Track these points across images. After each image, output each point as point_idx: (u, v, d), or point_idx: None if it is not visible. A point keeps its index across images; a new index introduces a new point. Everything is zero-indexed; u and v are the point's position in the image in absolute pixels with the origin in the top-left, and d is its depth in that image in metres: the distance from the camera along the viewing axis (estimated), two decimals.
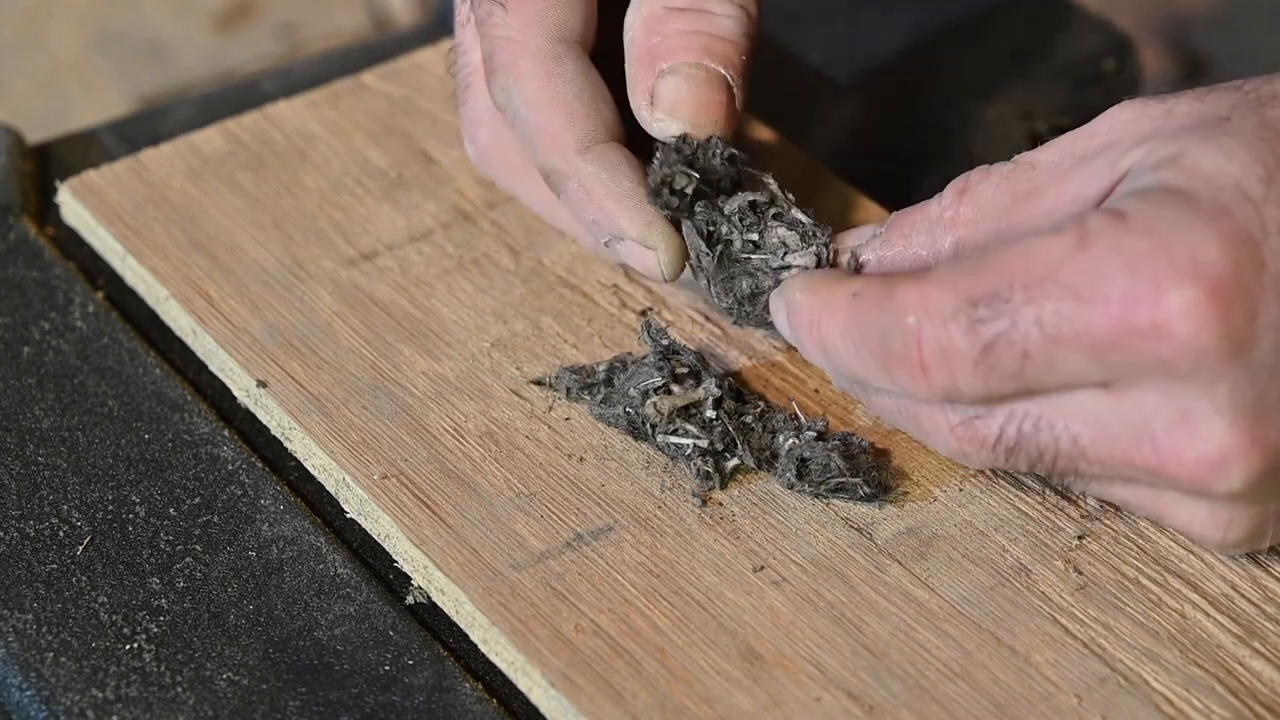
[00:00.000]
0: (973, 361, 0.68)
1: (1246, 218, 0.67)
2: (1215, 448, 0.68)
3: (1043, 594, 0.74)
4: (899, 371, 0.70)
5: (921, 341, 0.69)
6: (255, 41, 1.84)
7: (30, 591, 0.75)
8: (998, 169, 0.74)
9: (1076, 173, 0.72)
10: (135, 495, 0.78)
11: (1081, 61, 1.03)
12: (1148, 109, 0.72)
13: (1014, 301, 0.68)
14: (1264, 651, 0.72)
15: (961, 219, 0.74)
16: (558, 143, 0.80)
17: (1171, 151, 0.69)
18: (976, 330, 0.68)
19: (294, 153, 0.92)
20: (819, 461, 0.76)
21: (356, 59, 0.99)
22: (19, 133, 0.93)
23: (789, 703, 0.71)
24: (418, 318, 0.84)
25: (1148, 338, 0.67)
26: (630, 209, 0.79)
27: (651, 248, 0.80)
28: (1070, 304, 0.67)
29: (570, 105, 0.80)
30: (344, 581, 0.75)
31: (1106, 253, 0.67)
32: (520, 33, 0.80)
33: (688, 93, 0.78)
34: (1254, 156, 0.68)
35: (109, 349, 0.84)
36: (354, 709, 0.71)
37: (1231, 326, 0.66)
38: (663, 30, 0.79)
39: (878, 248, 0.76)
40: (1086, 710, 0.70)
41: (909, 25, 1.05)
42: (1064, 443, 0.70)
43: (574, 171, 0.80)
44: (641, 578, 0.74)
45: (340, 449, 0.79)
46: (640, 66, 0.79)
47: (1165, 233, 0.67)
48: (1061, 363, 0.68)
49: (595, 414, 0.79)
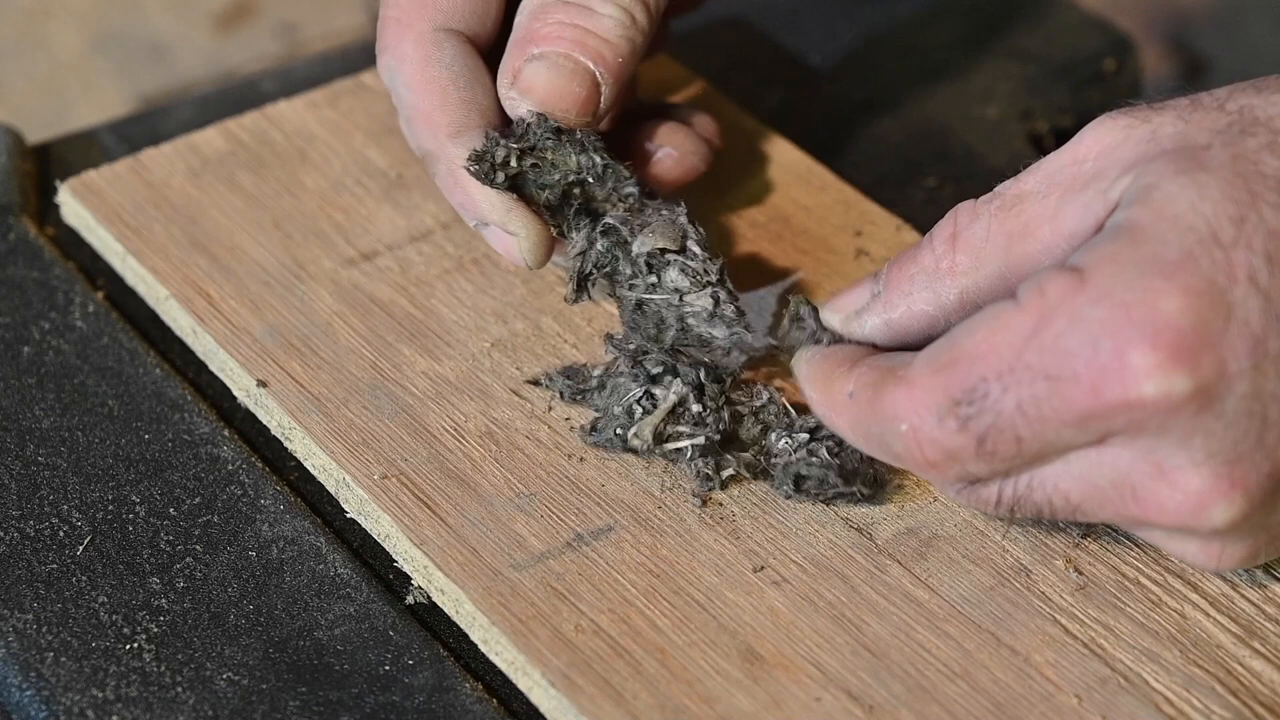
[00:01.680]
0: (973, 453, 0.69)
1: (1212, 264, 0.66)
2: (1194, 496, 0.68)
3: (1043, 594, 0.74)
4: (912, 467, 0.72)
5: (921, 445, 0.70)
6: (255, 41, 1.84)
7: (30, 591, 0.75)
8: (984, 205, 0.73)
9: (1069, 207, 0.71)
10: (135, 495, 0.78)
11: (1081, 61, 1.03)
12: (1132, 131, 0.71)
13: (992, 394, 0.68)
14: (1264, 651, 0.72)
15: (960, 268, 0.73)
16: (431, 124, 0.81)
17: (1147, 183, 0.68)
18: (967, 427, 0.69)
19: (294, 153, 0.92)
20: (815, 478, 0.76)
21: (356, 59, 0.99)
22: (19, 133, 0.93)
23: (789, 703, 0.71)
24: (418, 318, 0.84)
25: (1119, 407, 0.67)
26: (492, 194, 0.80)
27: (512, 234, 0.81)
28: (1043, 385, 0.68)
29: (445, 89, 0.81)
30: (344, 581, 0.75)
31: (1067, 326, 0.67)
32: (408, 15, 0.82)
33: (548, 78, 0.80)
34: (1228, 195, 0.67)
35: (109, 349, 0.84)
36: (354, 709, 0.71)
37: (1200, 382, 0.66)
38: (544, 18, 0.80)
39: (880, 311, 0.75)
40: (1086, 710, 0.70)
41: (909, 25, 1.05)
42: (1057, 500, 0.71)
43: (443, 154, 0.81)
44: (641, 578, 0.74)
45: (340, 449, 0.79)
46: (515, 48, 0.81)
47: (1123, 295, 0.66)
48: (1054, 437, 0.68)
49: (589, 443, 0.79)
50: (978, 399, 0.68)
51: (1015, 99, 1.00)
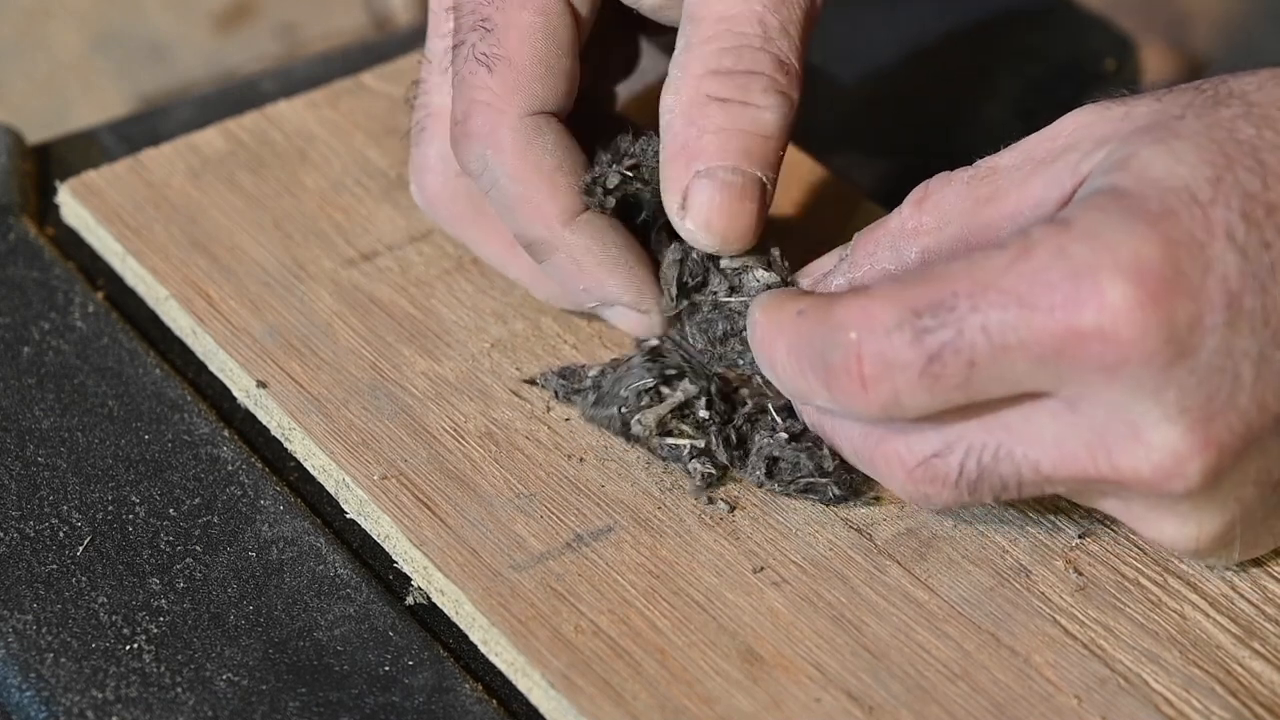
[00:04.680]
0: (917, 372, 0.68)
1: (1192, 219, 0.67)
2: (1170, 455, 0.67)
3: (1043, 594, 0.74)
4: (839, 387, 0.69)
5: (862, 356, 0.68)
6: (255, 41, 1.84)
7: (30, 591, 0.75)
8: (958, 175, 0.73)
9: (1038, 176, 0.71)
10: (135, 495, 0.78)
11: (1081, 61, 1.03)
12: (1108, 112, 0.71)
13: (959, 310, 0.67)
14: (1264, 652, 0.72)
15: (925, 228, 0.73)
16: (541, 214, 0.79)
17: (1124, 154, 0.69)
18: (922, 340, 0.67)
19: (294, 153, 0.92)
20: (788, 460, 0.76)
21: (356, 59, 0.99)
22: (19, 133, 0.93)
23: (789, 703, 0.71)
24: (418, 318, 0.84)
25: (1092, 341, 0.66)
26: (623, 276, 0.79)
27: (644, 311, 0.80)
28: (1015, 310, 0.67)
29: (552, 177, 0.79)
30: (344, 582, 0.75)
31: (1050, 258, 0.67)
32: (502, 99, 0.79)
33: (721, 204, 0.76)
34: (1203, 158, 0.68)
35: (109, 349, 0.84)
36: (354, 709, 0.71)
37: (1175, 328, 0.66)
38: (701, 123, 0.77)
39: (845, 270, 0.76)
40: (1086, 711, 0.70)
41: (909, 25, 1.05)
42: (1025, 469, 0.69)
43: (561, 243, 0.79)
44: (641, 578, 0.74)
45: (340, 449, 0.79)
46: (676, 163, 0.77)
47: (1107, 236, 0.66)
48: (1008, 371, 0.67)
49: (587, 415, 0.79)
50: (943, 312, 0.67)
51: (1015, 99, 1.00)
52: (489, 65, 0.79)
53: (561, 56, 0.79)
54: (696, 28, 0.77)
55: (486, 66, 0.79)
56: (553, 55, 0.79)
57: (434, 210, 0.85)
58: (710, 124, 0.76)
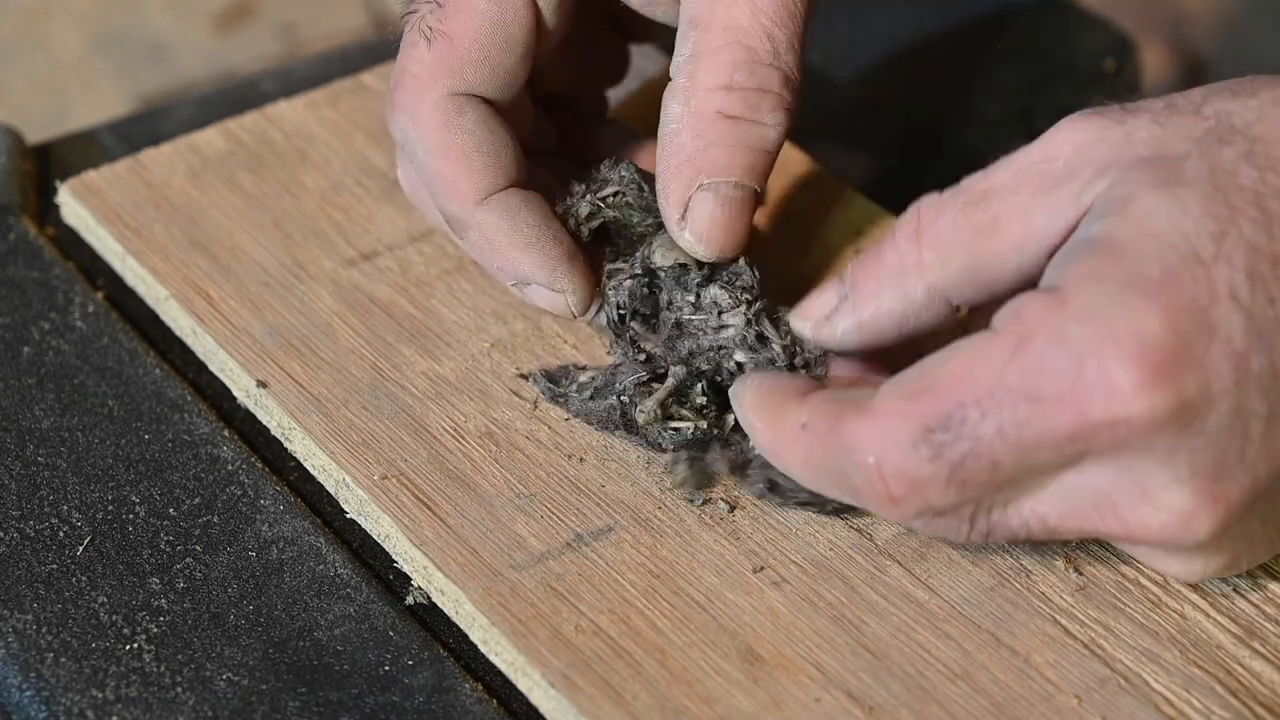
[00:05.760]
0: (944, 483, 0.68)
1: (1194, 282, 0.66)
2: (1178, 515, 0.68)
3: (1043, 594, 0.74)
4: (868, 502, 0.70)
5: (886, 477, 0.68)
6: (255, 41, 1.84)
7: (30, 591, 0.75)
8: (949, 199, 0.72)
9: (1040, 207, 0.70)
10: (135, 495, 0.78)
11: (1081, 61, 1.03)
12: (1106, 132, 0.70)
13: (970, 420, 0.67)
14: (1264, 652, 0.72)
15: (927, 263, 0.72)
16: (456, 191, 0.79)
17: (1125, 193, 0.68)
18: (942, 455, 0.67)
19: (294, 153, 0.92)
20: (790, 481, 0.76)
21: (356, 59, 0.99)
22: (19, 133, 0.93)
23: (789, 703, 0.71)
24: (418, 318, 0.84)
25: (1104, 427, 0.66)
26: (535, 255, 0.79)
27: (559, 291, 0.80)
28: (1025, 408, 0.66)
29: (469, 156, 0.79)
30: (344, 582, 0.75)
31: (1049, 346, 0.66)
32: (431, 75, 0.79)
33: (721, 218, 0.77)
34: (1207, 211, 0.67)
35: (109, 349, 0.84)
36: (354, 709, 0.71)
37: (1184, 401, 0.66)
38: (709, 138, 0.76)
39: (849, 313, 0.74)
40: (1086, 711, 0.70)
41: (909, 25, 1.04)
42: (1034, 523, 0.70)
43: (474, 221, 0.79)
44: (641, 578, 0.74)
45: (340, 449, 0.79)
46: (679, 175, 0.77)
47: (1105, 313, 0.66)
48: (1032, 460, 0.67)
49: (584, 410, 0.79)
50: (954, 425, 0.67)
51: (1015, 99, 1.00)
52: (429, 40, 0.79)
53: (506, 47, 0.79)
54: (703, 35, 0.77)
55: (427, 40, 0.80)
56: (495, 43, 0.79)
57: (413, 195, 0.85)
58: (718, 138, 0.76)
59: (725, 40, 0.77)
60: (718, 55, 0.77)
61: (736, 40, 0.77)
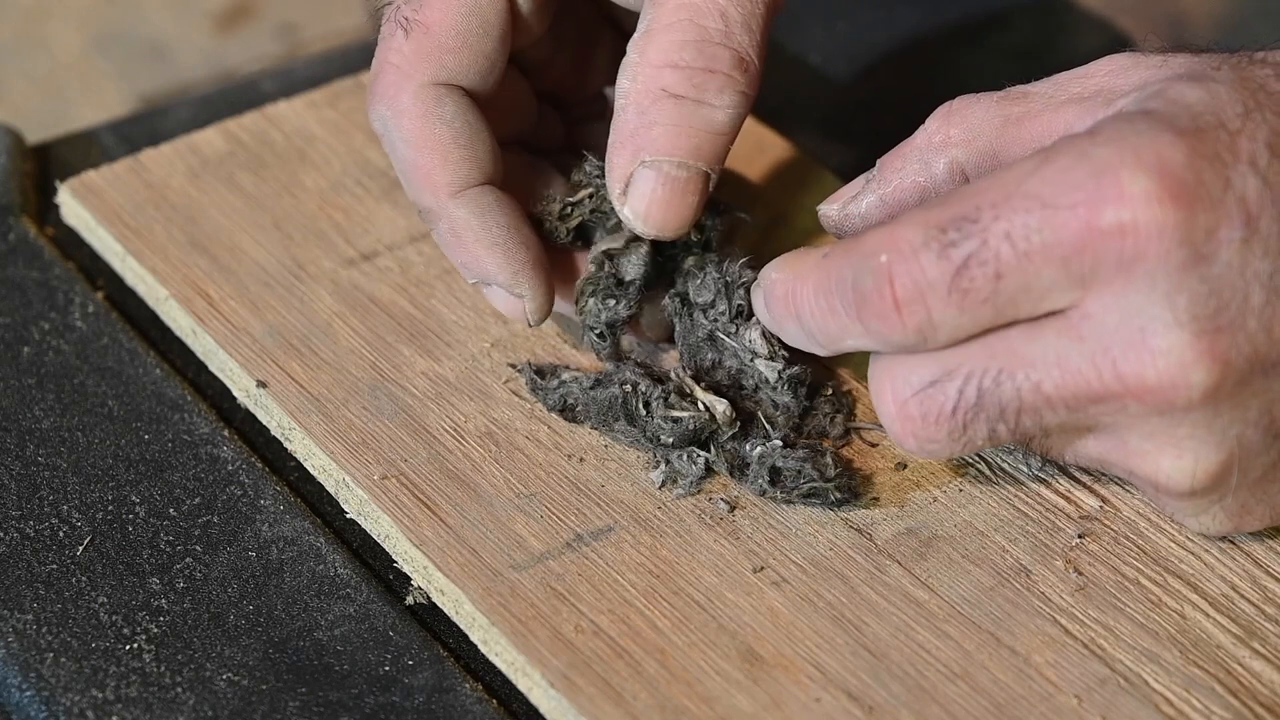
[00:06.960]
0: (946, 289, 0.68)
1: (1218, 141, 0.68)
2: (1175, 361, 0.68)
3: (1043, 594, 0.74)
4: (872, 314, 0.70)
5: (894, 277, 0.69)
6: (255, 41, 1.84)
7: (30, 591, 0.75)
8: (985, 95, 0.74)
9: (1071, 105, 0.72)
10: (135, 495, 0.78)
11: (1081, 61, 1.03)
12: (1145, 59, 0.73)
13: (982, 220, 0.68)
14: (1264, 652, 0.72)
15: (953, 140, 0.74)
16: (430, 182, 0.79)
17: (1159, 88, 0.70)
18: (947, 254, 0.68)
19: (294, 153, 0.92)
20: (791, 469, 0.76)
21: (356, 59, 0.99)
22: (19, 133, 0.93)
23: (789, 703, 0.71)
24: (418, 318, 0.84)
25: (1111, 235, 0.67)
26: (499, 255, 0.79)
27: (519, 296, 0.79)
28: (1038, 213, 0.67)
29: (446, 147, 0.79)
30: (344, 582, 0.75)
31: (1072, 160, 0.68)
32: (410, 65, 0.79)
33: (661, 197, 0.77)
34: (1235, 97, 0.69)
35: (109, 349, 0.84)
36: (354, 709, 0.71)
37: (1192, 231, 0.67)
38: (653, 115, 0.76)
39: (874, 189, 0.76)
40: (1086, 711, 0.70)
41: (909, 25, 1.04)
42: (1026, 392, 0.70)
43: (444, 214, 0.79)
44: (641, 578, 0.74)
45: (340, 449, 0.79)
46: (622, 151, 0.77)
47: (1132, 139, 0.67)
48: (1034, 280, 0.68)
49: (582, 405, 0.79)
50: (966, 224, 0.68)
51: None
52: (406, 29, 0.80)
53: (483, 36, 0.79)
54: (658, 11, 0.77)
55: (405, 30, 0.80)
56: (472, 31, 0.79)
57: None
58: (663, 117, 0.76)
59: (677, 17, 0.77)
60: (668, 32, 0.77)
61: (688, 18, 0.77)
